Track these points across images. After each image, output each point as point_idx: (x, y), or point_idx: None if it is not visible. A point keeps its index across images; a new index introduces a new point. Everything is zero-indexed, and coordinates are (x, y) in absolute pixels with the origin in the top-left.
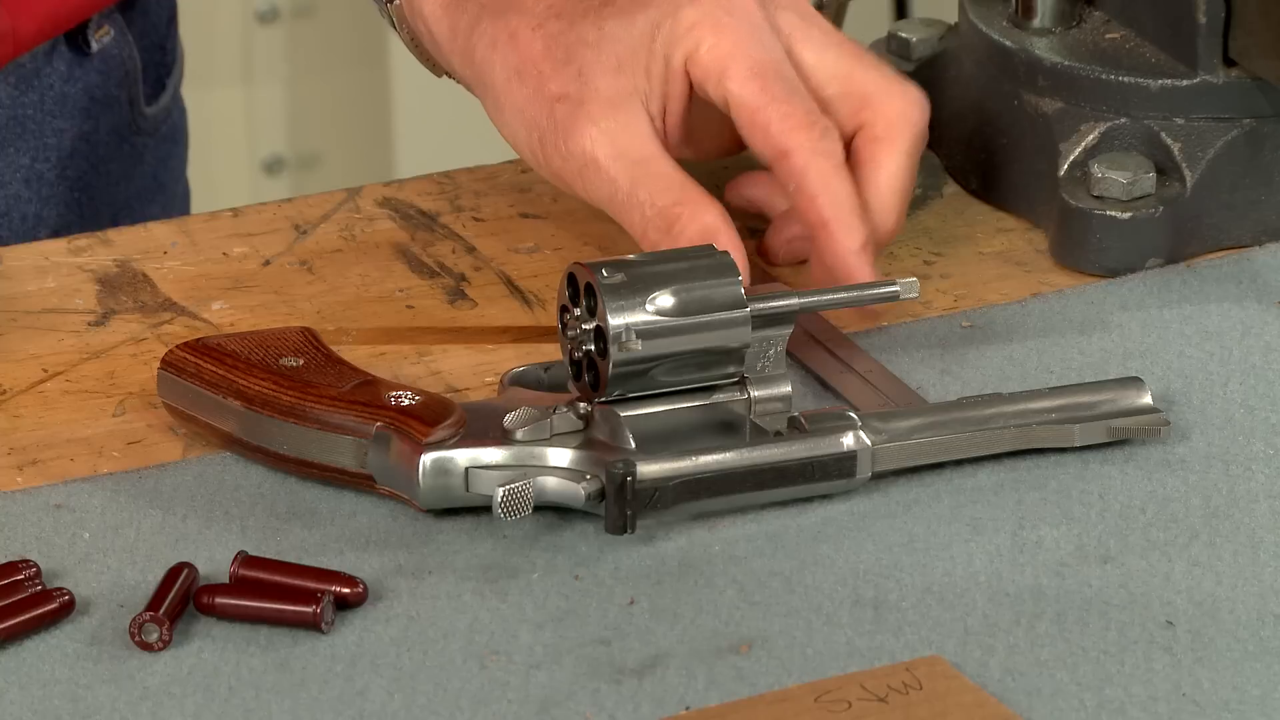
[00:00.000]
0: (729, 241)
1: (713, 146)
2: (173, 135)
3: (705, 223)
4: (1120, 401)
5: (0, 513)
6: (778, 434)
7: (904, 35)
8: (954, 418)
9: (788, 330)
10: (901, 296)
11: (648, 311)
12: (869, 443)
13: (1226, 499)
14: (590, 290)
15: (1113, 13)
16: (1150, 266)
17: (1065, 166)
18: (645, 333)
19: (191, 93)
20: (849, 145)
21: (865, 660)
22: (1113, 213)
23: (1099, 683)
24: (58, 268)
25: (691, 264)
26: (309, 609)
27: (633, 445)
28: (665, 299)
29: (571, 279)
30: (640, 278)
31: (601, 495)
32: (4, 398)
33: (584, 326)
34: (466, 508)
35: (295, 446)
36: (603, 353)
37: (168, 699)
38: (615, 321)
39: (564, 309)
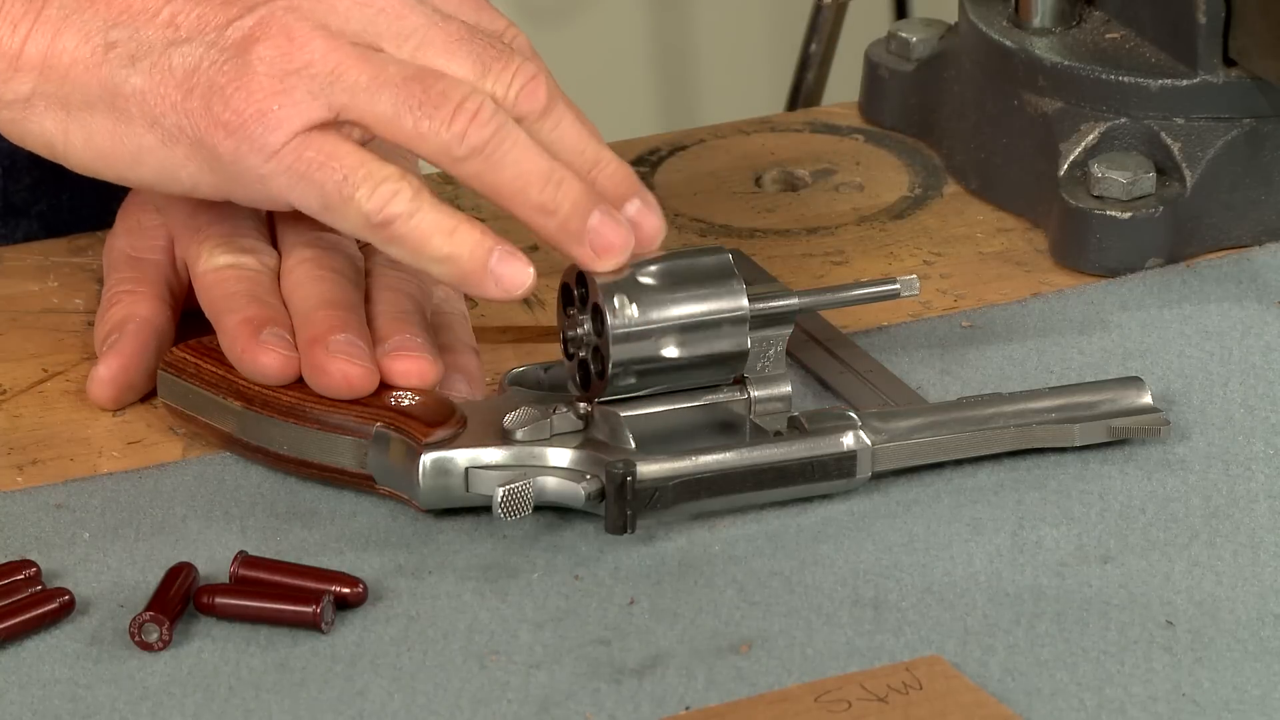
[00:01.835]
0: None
1: None
2: None
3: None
4: (1120, 401)
5: (0, 513)
6: (778, 434)
7: (904, 35)
8: (954, 418)
9: (788, 330)
10: (902, 294)
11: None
12: (869, 443)
13: (1226, 499)
14: (582, 280)
15: (1113, 13)
16: (1150, 266)
17: (1065, 166)
18: (645, 332)
19: None
20: None
21: (865, 660)
22: (1113, 213)
23: (1099, 683)
24: (58, 268)
25: (691, 263)
26: (309, 609)
27: (633, 445)
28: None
29: (567, 287)
30: (639, 277)
31: (601, 495)
32: (4, 398)
33: (582, 318)
34: (466, 508)
35: (295, 446)
36: (600, 331)
37: (168, 699)
38: (604, 282)
39: (564, 311)
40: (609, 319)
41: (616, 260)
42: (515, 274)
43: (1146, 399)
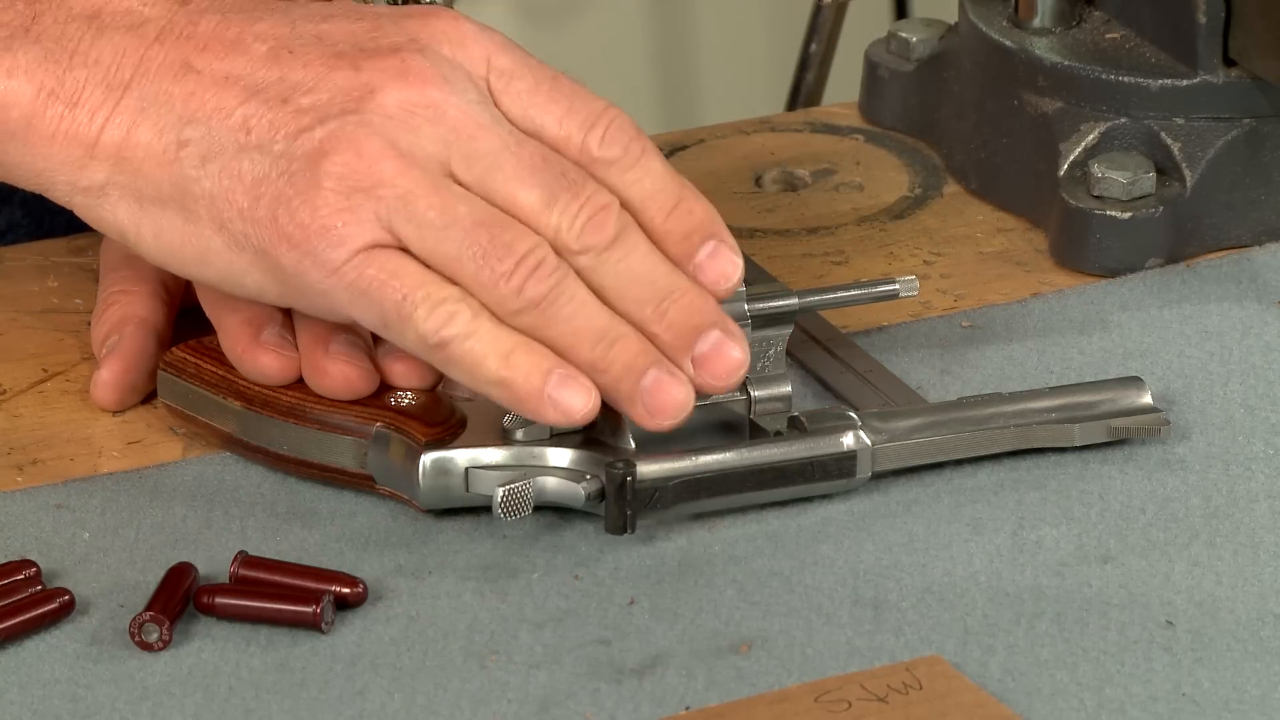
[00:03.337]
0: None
1: None
2: None
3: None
4: (1120, 401)
5: (0, 513)
6: (778, 434)
7: (904, 35)
8: (954, 418)
9: (788, 330)
10: (901, 294)
11: None
12: (869, 443)
13: (1226, 499)
14: None
15: (1113, 13)
16: (1150, 266)
17: (1065, 166)
18: None
19: None
20: None
21: (865, 660)
22: (1113, 213)
23: (1099, 683)
24: (58, 268)
25: None
26: (309, 609)
27: (633, 445)
28: None
29: None
30: None
31: (601, 495)
32: (4, 398)
33: None
34: (466, 508)
35: (295, 446)
36: None
37: (168, 699)
38: None
39: None
40: None
41: (672, 420)
42: (572, 399)
43: (1146, 399)
